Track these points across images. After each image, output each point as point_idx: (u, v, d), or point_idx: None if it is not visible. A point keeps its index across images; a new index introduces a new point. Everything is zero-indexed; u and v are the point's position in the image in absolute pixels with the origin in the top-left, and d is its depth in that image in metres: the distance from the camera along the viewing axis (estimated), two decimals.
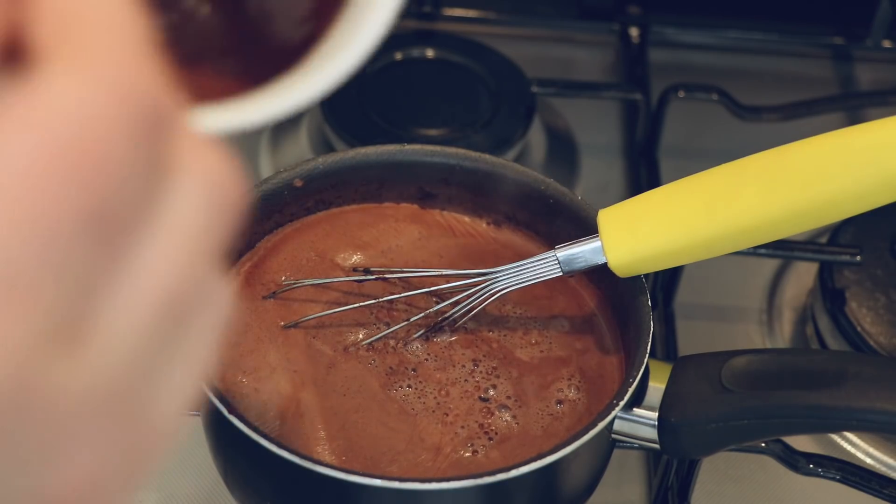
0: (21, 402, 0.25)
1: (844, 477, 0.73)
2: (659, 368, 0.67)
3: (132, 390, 0.27)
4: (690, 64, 1.10)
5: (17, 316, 0.24)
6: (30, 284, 0.24)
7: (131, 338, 0.26)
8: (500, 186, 0.75)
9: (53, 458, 0.26)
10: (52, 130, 0.24)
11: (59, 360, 0.25)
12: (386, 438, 0.66)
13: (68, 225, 0.24)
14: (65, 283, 0.25)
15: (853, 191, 0.64)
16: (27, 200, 0.24)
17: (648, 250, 0.67)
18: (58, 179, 0.24)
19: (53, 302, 0.25)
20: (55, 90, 0.25)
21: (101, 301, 0.26)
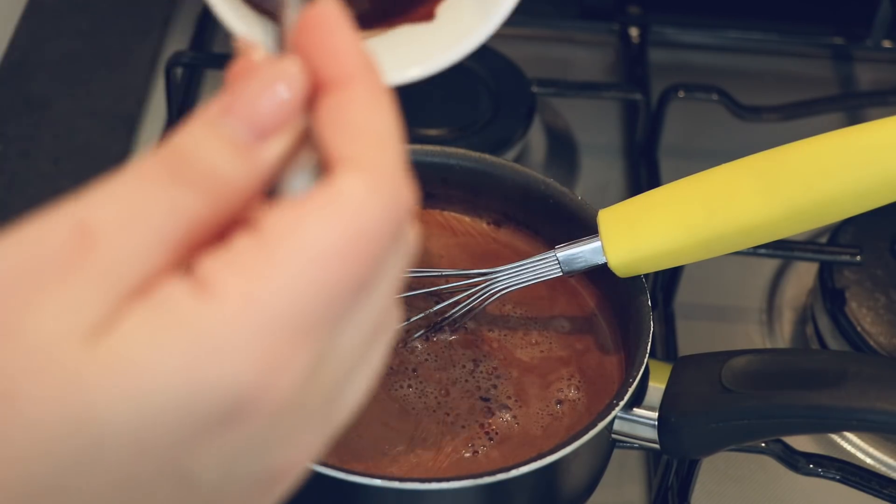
0: (293, 402, 0.34)
1: (844, 477, 0.73)
2: (659, 368, 0.67)
3: (343, 393, 0.37)
4: (690, 64, 1.10)
5: (301, 344, 0.33)
6: (317, 322, 0.33)
7: (354, 351, 0.36)
8: (500, 186, 0.75)
9: (294, 436, 0.35)
10: (352, 221, 0.33)
11: (316, 370, 0.34)
12: (387, 438, 0.66)
13: (349, 288, 0.34)
14: (334, 322, 0.34)
15: (853, 191, 0.64)
16: (330, 269, 0.33)
17: (648, 250, 0.67)
18: (353, 256, 0.33)
19: (325, 333, 0.34)
20: (356, 192, 0.33)
21: (343, 332, 0.35)
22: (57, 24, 1.05)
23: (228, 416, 0.33)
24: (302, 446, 0.36)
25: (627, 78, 1.06)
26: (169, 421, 0.32)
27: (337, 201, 0.33)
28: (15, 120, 0.99)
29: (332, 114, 0.35)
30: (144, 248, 0.33)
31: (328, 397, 0.36)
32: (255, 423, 0.34)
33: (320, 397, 0.35)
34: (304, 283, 0.33)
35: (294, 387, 0.33)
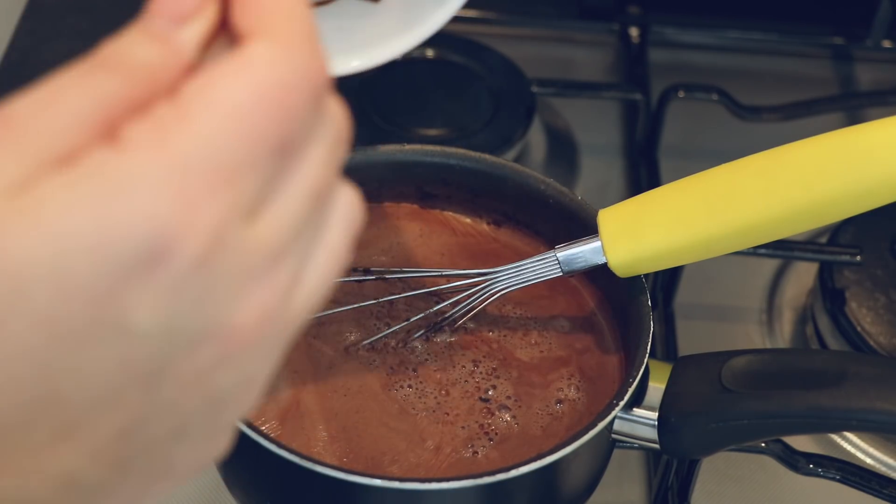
0: (219, 247, 0.36)
1: (844, 477, 0.73)
2: (659, 368, 0.67)
3: (292, 252, 0.38)
4: (690, 64, 1.10)
5: (218, 190, 0.35)
6: (233, 172, 0.35)
7: (291, 214, 0.38)
8: (500, 186, 0.75)
9: (238, 292, 0.37)
10: (260, 79, 0.36)
11: (244, 223, 0.36)
12: (387, 438, 0.66)
13: (264, 142, 0.36)
14: (254, 176, 0.36)
15: (853, 191, 0.64)
16: (242, 122, 0.35)
17: (648, 250, 0.67)
18: (263, 111, 0.36)
19: (246, 186, 0.36)
20: (263, 54, 0.36)
21: (275, 191, 0.37)
22: (57, 24, 1.05)
23: (148, 257, 0.34)
24: (249, 306, 0.37)
25: (627, 78, 1.06)
26: (87, 263, 0.34)
27: (247, 63, 0.36)
28: None
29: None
30: (61, 124, 0.35)
31: (275, 258, 0.38)
32: (178, 266, 0.35)
33: (261, 255, 0.37)
34: (217, 132, 0.35)
35: (216, 231, 0.35)
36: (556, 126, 1.02)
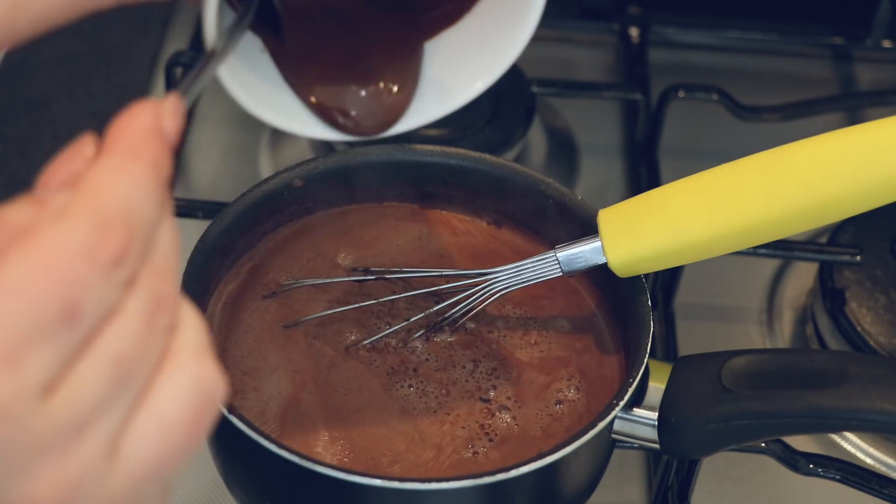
0: (6, 424, 0.36)
1: (844, 477, 0.73)
2: (659, 368, 0.67)
3: (99, 422, 0.39)
4: (690, 64, 1.10)
5: (2, 370, 0.36)
6: (16, 349, 0.37)
7: (92, 385, 0.38)
8: (500, 186, 0.75)
9: (32, 466, 0.37)
10: (39, 253, 0.38)
11: (38, 398, 0.37)
12: (387, 439, 0.66)
13: (44, 314, 0.37)
14: (43, 350, 0.37)
15: (853, 191, 0.64)
16: (20, 296, 0.37)
17: (648, 250, 0.67)
18: (41, 282, 0.37)
19: (34, 362, 0.37)
20: (48, 230, 0.39)
21: (73, 363, 0.38)
22: None
23: None
24: (43, 479, 0.38)
25: (627, 78, 1.06)
26: None
27: (31, 239, 0.38)
28: (15, 120, 0.99)
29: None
30: None
31: (77, 429, 0.38)
32: None
33: (58, 428, 0.38)
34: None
35: (1, 409, 0.36)
36: (556, 126, 1.02)
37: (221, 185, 0.97)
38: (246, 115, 0.63)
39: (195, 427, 0.41)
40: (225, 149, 0.99)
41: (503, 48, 0.59)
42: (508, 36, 0.58)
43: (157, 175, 0.41)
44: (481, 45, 0.60)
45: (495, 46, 0.59)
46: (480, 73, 0.59)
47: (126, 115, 0.42)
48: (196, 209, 0.85)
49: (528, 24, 0.57)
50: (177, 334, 0.41)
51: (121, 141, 0.42)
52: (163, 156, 0.42)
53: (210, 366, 0.42)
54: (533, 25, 0.58)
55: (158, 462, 0.40)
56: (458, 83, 0.60)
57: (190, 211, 0.85)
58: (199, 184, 0.97)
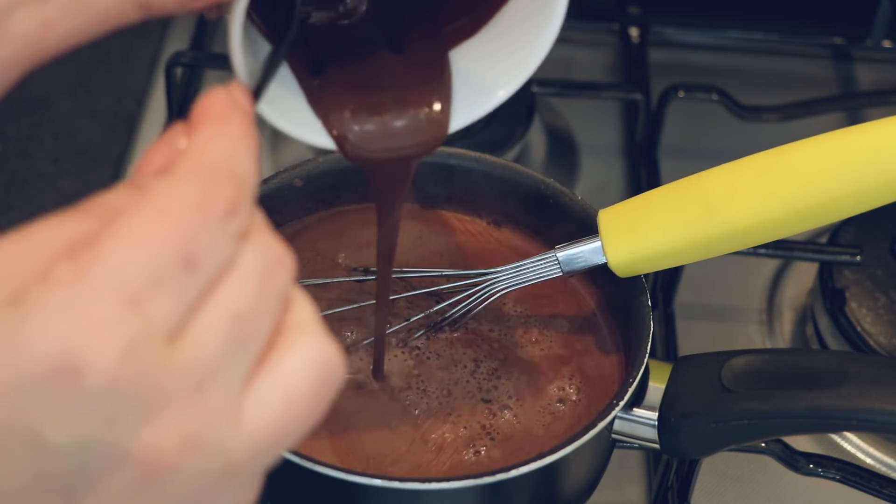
0: (131, 368, 0.37)
1: (844, 477, 0.73)
2: (659, 368, 0.67)
3: (222, 378, 0.39)
4: (690, 64, 1.10)
5: (126, 312, 0.37)
6: (139, 293, 0.37)
7: (212, 337, 0.39)
8: (500, 186, 0.76)
9: (156, 414, 0.38)
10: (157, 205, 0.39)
11: (163, 345, 0.38)
12: (388, 439, 0.66)
13: (164, 258, 0.38)
14: (164, 296, 0.38)
15: (853, 191, 0.64)
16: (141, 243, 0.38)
17: (648, 250, 0.67)
18: (159, 230, 0.39)
19: (156, 307, 0.38)
20: (161, 187, 0.40)
21: (193, 313, 0.39)
22: None
23: (56, 376, 0.36)
24: (168, 428, 0.38)
25: (627, 78, 1.06)
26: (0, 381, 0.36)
27: (147, 196, 0.40)
28: (15, 120, 0.99)
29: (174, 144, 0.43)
30: (30, 256, 0.39)
31: (200, 381, 0.39)
32: (87, 385, 0.37)
33: (182, 378, 0.38)
34: (119, 257, 0.38)
35: (126, 353, 0.37)
36: (556, 126, 1.02)
37: None
38: None
39: (317, 402, 0.42)
40: None
41: (523, 58, 0.59)
42: (528, 46, 0.58)
43: (250, 135, 0.43)
44: (500, 55, 0.60)
45: (514, 57, 0.59)
46: (500, 83, 0.60)
47: (203, 97, 0.44)
48: None
49: (548, 34, 0.58)
50: (293, 308, 0.42)
51: (209, 112, 0.43)
52: (249, 120, 0.43)
53: (333, 344, 0.42)
54: (553, 35, 0.58)
55: (279, 432, 0.41)
56: (478, 94, 0.60)
57: None
58: None
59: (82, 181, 0.95)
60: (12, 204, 0.92)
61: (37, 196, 0.93)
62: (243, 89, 0.46)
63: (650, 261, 0.67)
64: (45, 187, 0.94)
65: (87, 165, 0.96)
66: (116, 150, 0.98)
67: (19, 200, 0.93)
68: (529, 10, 0.58)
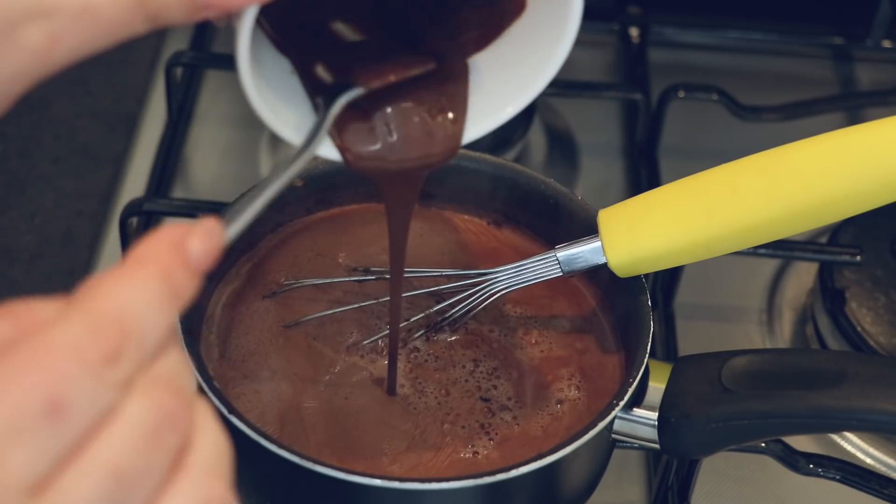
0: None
1: (844, 477, 0.73)
2: (659, 368, 0.67)
3: None
4: (690, 64, 1.10)
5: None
6: (9, 448, 0.36)
7: (82, 494, 0.37)
8: (500, 186, 0.76)
9: None
10: (28, 347, 0.38)
11: (26, 497, 0.36)
12: (387, 439, 0.66)
13: (27, 404, 0.36)
14: (27, 444, 0.36)
15: (853, 191, 0.64)
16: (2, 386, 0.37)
17: (648, 250, 0.67)
18: (23, 373, 0.37)
19: (17, 456, 0.36)
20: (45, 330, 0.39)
21: (63, 467, 0.37)
22: None
23: None
24: None
25: (627, 78, 1.06)
26: None
27: (23, 339, 0.38)
28: (15, 120, 0.99)
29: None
30: None
31: None
32: None
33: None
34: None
35: None
36: (556, 126, 1.02)
37: (221, 185, 0.97)
38: (246, 115, 0.63)
39: None
40: (225, 149, 0.99)
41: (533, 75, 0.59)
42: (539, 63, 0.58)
43: (166, 286, 0.40)
44: (511, 71, 0.60)
45: (524, 73, 0.59)
46: (509, 98, 0.60)
47: (149, 237, 0.42)
48: (196, 209, 0.85)
49: (559, 52, 0.58)
50: (189, 452, 0.40)
51: (132, 254, 0.41)
52: (177, 271, 0.41)
53: (216, 486, 0.41)
54: (564, 54, 0.58)
55: None
56: (487, 109, 0.60)
57: (190, 211, 0.85)
58: (199, 184, 0.97)
59: (82, 181, 0.95)
60: (12, 204, 0.92)
61: (37, 196, 0.93)
62: (210, 228, 0.43)
63: (650, 261, 0.67)
64: (45, 187, 0.94)
65: (87, 165, 0.96)
66: (116, 150, 0.98)
67: (19, 200, 0.93)
68: (541, 28, 0.58)
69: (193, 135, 1.00)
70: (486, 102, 0.60)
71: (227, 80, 1.02)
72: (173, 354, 0.41)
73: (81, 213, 0.93)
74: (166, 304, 0.40)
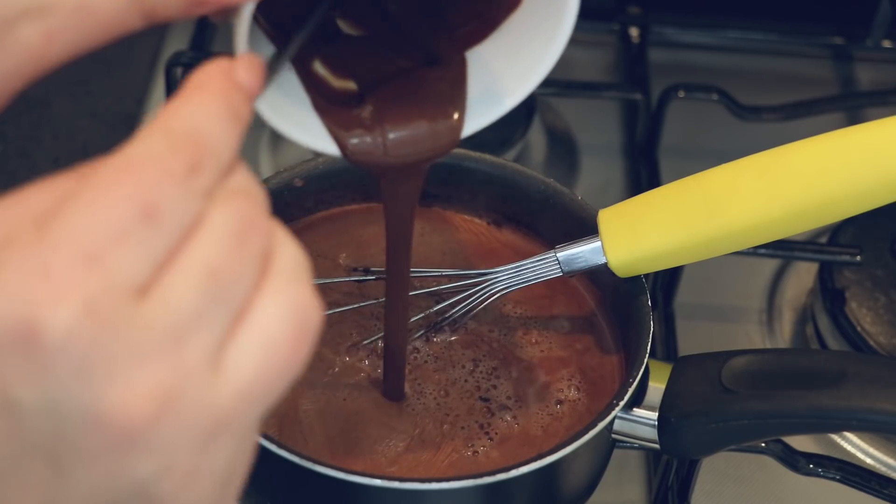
0: (96, 323, 0.37)
1: (844, 477, 0.73)
2: (659, 368, 0.67)
3: (199, 331, 0.39)
4: (690, 64, 1.10)
5: (87, 267, 0.37)
6: (100, 248, 0.37)
7: (185, 291, 0.38)
8: (501, 186, 0.75)
9: (126, 370, 0.37)
10: (119, 160, 0.40)
11: (131, 300, 0.38)
12: (386, 439, 0.66)
13: (124, 211, 0.38)
14: (127, 249, 0.38)
15: (853, 191, 0.64)
16: (100, 197, 0.39)
17: (648, 250, 0.67)
18: (119, 183, 0.39)
19: (119, 261, 0.38)
20: (127, 146, 0.41)
21: (164, 267, 0.38)
22: None
23: (18, 336, 0.36)
24: (141, 384, 0.38)
25: (627, 78, 1.06)
26: None
27: (115, 154, 0.40)
28: (15, 120, 0.99)
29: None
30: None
31: (176, 336, 0.38)
32: (50, 344, 0.36)
33: (154, 332, 0.38)
34: (77, 213, 0.38)
35: (85, 309, 0.37)
36: (556, 126, 1.02)
37: None
38: None
39: (296, 349, 0.41)
40: None
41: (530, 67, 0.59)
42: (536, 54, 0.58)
43: (226, 105, 0.42)
44: (508, 63, 0.60)
45: (522, 65, 0.59)
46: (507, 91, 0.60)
47: (200, 68, 0.44)
48: None
49: (556, 44, 0.58)
50: (273, 259, 0.42)
51: (192, 80, 0.43)
52: (233, 93, 0.43)
53: (305, 291, 0.42)
54: (561, 46, 0.58)
55: (263, 381, 0.40)
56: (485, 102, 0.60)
57: None
58: None
59: None
60: None
61: None
62: (250, 62, 0.45)
63: (650, 261, 0.67)
64: None
65: None
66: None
67: None
68: (539, 20, 0.58)
69: None
70: (485, 96, 0.60)
71: None
72: (242, 171, 0.43)
73: None
74: (231, 121, 0.42)
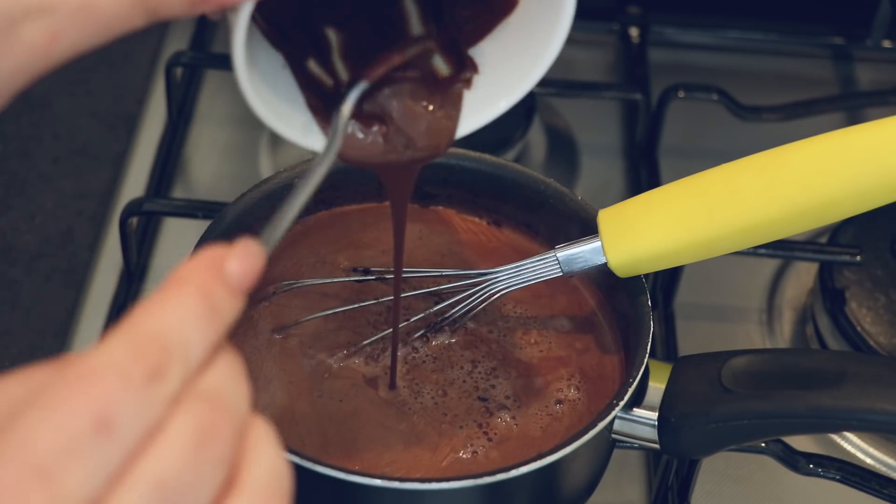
0: None
1: (844, 477, 0.73)
2: (659, 368, 0.67)
3: None
4: (690, 64, 1.10)
5: (36, 485, 0.36)
6: (50, 464, 0.36)
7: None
8: (500, 186, 0.75)
9: None
10: (72, 370, 0.38)
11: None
12: (384, 439, 0.66)
13: (77, 423, 0.37)
14: (79, 465, 0.37)
15: (853, 191, 0.64)
16: (53, 410, 0.37)
17: (648, 250, 0.67)
18: (70, 394, 0.38)
19: (70, 477, 0.37)
20: (81, 354, 0.39)
21: (116, 483, 0.38)
22: None
23: None
24: None
25: (627, 78, 1.06)
26: None
27: (69, 364, 0.39)
28: (15, 120, 0.99)
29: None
30: None
31: None
32: None
33: None
34: (29, 427, 0.37)
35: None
36: (556, 126, 1.02)
37: (221, 185, 0.97)
38: (246, 115, 0.63)
39: None
40: (225, 149, 0.99)
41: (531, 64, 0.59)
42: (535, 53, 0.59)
43: (205, 303, 0.41)
44: (504, 65, 0.60)
45: (521, 63, 0.59)
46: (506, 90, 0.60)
47: (187, 260, 0.42)
48: (196, 209, 0.85)
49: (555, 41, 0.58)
50: (243, 469, 0.40)
51: (171, 276, 0.42)
52: (217, 288, 0.41)
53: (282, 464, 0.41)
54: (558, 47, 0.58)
55: None
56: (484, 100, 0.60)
57: (190, 211, 0.85)
58: (199, 184, 0.97)
59: (82, 181, 0.95)
60: (12, 204, 0.92)
61: (37, 196, 0.93)
62: (248, 248, 0.43)
63: (650, 261, 0.67)
64: (44, 187, 0.94)
65: (87, 165, 0.96)
66: (116, 150, 0.98)
67: (19, 200, 0.93)
68: (536, 21, 0.58)
69: (193, 135, 1.00)
70: (481, 96, 0.60)
71: (227, 80, 1.02)
72: (219, 371, 0.41)
73: (81, 213, 0.93)
74: (208, 321, 0.40)
